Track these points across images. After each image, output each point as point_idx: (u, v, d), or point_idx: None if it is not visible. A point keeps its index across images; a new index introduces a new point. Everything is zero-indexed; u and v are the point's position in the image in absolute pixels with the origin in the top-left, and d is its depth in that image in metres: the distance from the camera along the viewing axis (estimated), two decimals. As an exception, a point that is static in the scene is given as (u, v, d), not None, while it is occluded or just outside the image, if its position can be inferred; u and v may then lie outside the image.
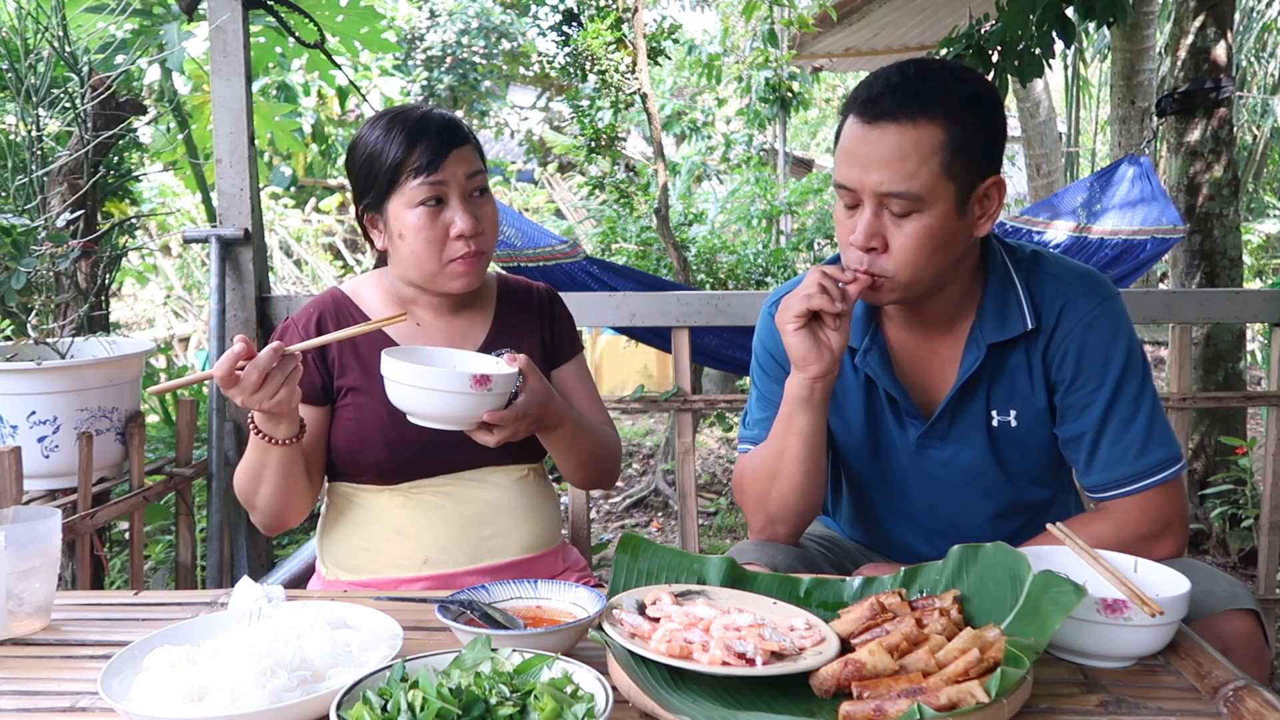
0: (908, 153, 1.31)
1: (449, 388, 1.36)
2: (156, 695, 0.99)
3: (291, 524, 1.57)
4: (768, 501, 1.52)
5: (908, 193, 1.31)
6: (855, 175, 1.34)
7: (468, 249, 1.51)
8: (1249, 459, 3.58)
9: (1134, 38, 4.21)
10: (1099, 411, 1.42)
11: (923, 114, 1.31)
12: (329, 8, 3.42)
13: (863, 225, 1.34)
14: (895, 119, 1.31)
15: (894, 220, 1.34)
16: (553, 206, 10.50)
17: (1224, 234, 3.78)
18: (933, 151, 1.31)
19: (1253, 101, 10.79)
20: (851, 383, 1.54)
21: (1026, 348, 1.45)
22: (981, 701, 0.93)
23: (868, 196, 1.34)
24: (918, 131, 1.31)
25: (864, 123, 1.34)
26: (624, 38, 5.89)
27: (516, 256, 3.22)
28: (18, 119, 2.31)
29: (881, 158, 1.31)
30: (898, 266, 1.36)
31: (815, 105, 13.62)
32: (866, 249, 1.35)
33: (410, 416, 1.41)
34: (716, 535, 4.52)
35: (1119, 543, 1.33)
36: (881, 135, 1.32)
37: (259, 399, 1.33)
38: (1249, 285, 8.39)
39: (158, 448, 3.27)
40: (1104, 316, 1.43)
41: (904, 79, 1.34)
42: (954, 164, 1.32)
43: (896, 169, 1.31)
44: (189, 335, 7.33)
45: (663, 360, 6.59)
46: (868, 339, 1.50)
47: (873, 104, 1.33)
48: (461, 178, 1.50)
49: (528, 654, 0.96)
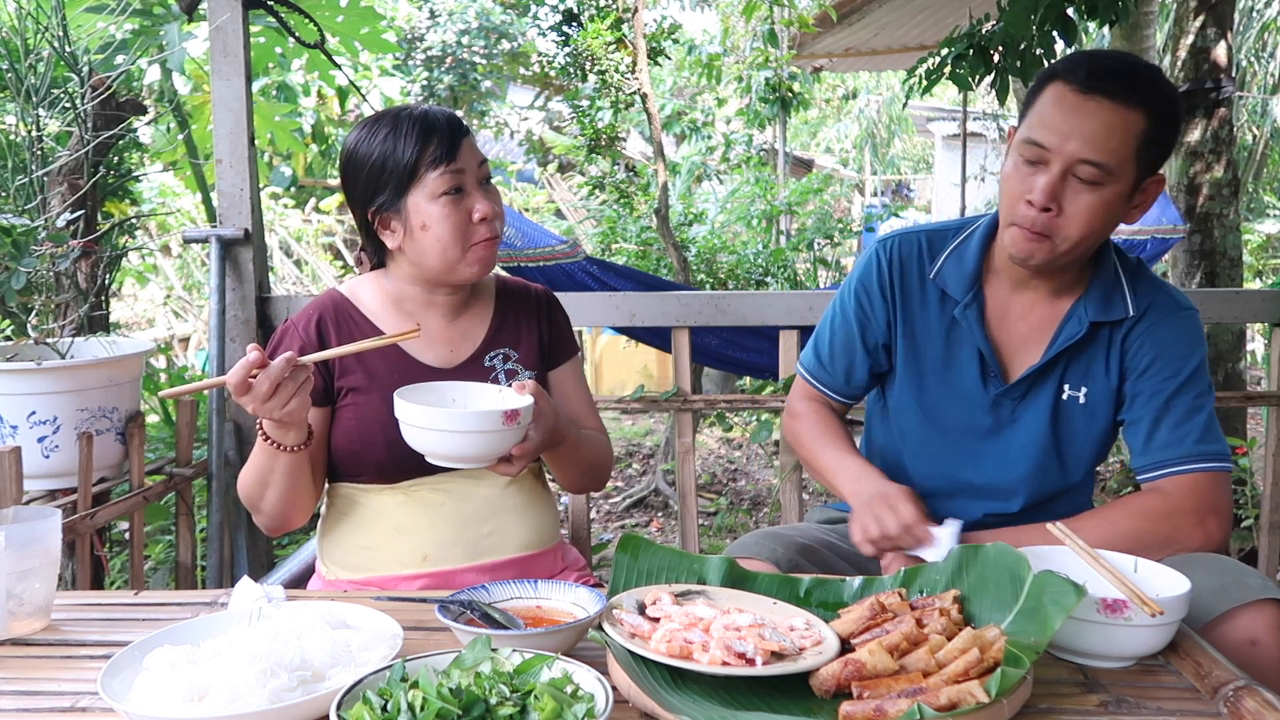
0: (1115, 129, 1.40)
1: (482, 428, 1.36)
2: (156, 695, 0.99)
3: (295, 525, 1.58)
4: (797, 456, 1.77)
5: (1104, 164, 1.41)
6: (1055, 138, 1.41)
7: (490, 232, 1.56)
8: (1249, 459, 3.58)
9: (1134, 38, 4.20)
10: (1167, 397, 1.52)
11: (1136, 99, 1.41)
12: (329, 8, 3.42)
13: (1045, 185, 1.42)
14: (1112, 96, 1.40)
15: (1076, 188, 1.43)
16: (553, 206, 10.50)
17: (1224, 234, 3.78)
18: (1134, 135, 1.41)
19: (1253, 101, 10.79)
20: (937, 330, 1.63)
21: (1110, 332, 1.56)
22: (981, 701, 0.93)
23: (1060, 160, 1.42)
24: (1129, 113, 1.41)
25: (1079, 92, 1.41)
26: (624, 38, 5.90)
27: (517, 256, 3.22)
28: (18, 119, 2.31)
29: (1090, 128, 1.40)
30: (1069, 232, 1.44)
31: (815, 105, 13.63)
32: (1044, 208, 1.43)
33: (430, 458, 1.41)
34: (716, 535, 4.52)
35: (1168, 517, 1.44)
36: (1097, 108, 1.40)
37: (270, 408, 1.33)
38: (1249, 285, 8.39)
39: (158, 448, 3.27)
40: (1187, 323, 1.56)
41: (1124, 64, 1.45)
42: (1144, 152, 1.43)
43: (1102, 141, 1.40)
44: (189, 335, 7.34)
45: (663, 360, 6.59)
46: (970, 295, 1.60)
47: (1094, 78, 1.41)
48: (474, 166, 1.56)
49: (528, 654, 0.96)
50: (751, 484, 5.36)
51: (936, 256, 1.64)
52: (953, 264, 1.63)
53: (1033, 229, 1.45)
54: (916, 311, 1.65)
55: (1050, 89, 1.45)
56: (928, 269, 1.64)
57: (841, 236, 7.26)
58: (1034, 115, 1.46)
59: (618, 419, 6.58)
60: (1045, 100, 1.45)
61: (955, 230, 1.68)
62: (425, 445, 1.39)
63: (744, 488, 5.29)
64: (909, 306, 1.65)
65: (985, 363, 1.60)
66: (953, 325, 1.62)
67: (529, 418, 1.41)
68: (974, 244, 1.63)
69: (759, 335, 3.12)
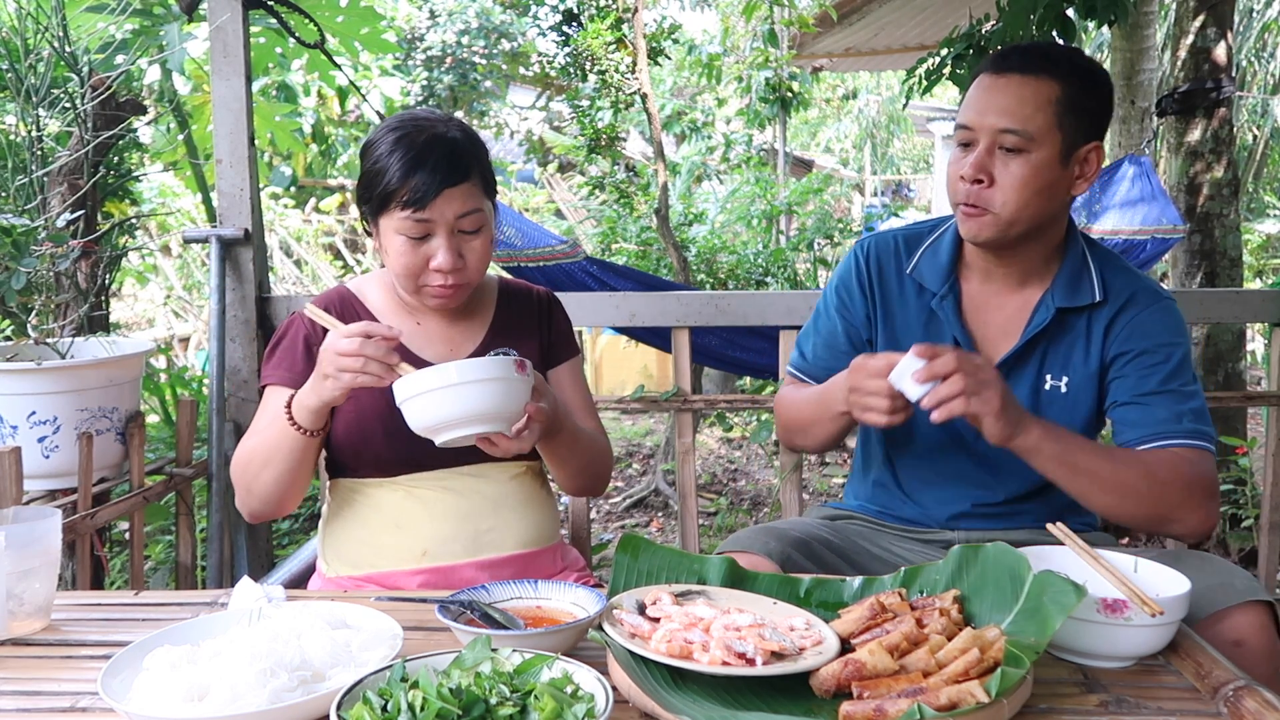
0: (1026, 98, 1.50)
1: (495, 375, 1.29)
2: (156, 695, 0.99)
3: (277, 515, 1.58)
4: (794, 432, 1.75)
5: (1021, 130, 1.49)
6: (975, 116, 1.53)
7: (445, 281, 1.51)
8: (1249, 459, 3.58)
9: (1134, 37, 4.20)
10: (1159, 380, 1.54)
11: (1044, 71, 1.51)
12: (329, 8, 3.42)
13: (973, 159, 1.52)
14: (1021, 70, 1.52)
15: (1003, 158, 1.51)
16: (553, 206, 10.50)
17: (1224, 234, 3.78)
18: (1048, 102, 1.50)
19: (1253, 101, 10.79)
20: (916, 322, 1.68)
21: (1089, 319, 1.60)
22: (981, 701, 0.93)
23: (984, 134, 1.52)
24: (1038, 83, 1.51)
25: (992, 74, 1.54)
26: (624, 38, 5.89)
27: (516, 256, 3.22)
28: (18, 119, 2.31)
29: (1003, 101, 1.51)
30: (1002, 202, 1.52)
31: (815, 105, 13.64)
32: (974, 180, 1.52)
33: (446, 431, 1.32)
34: (716, 535, 4.52)
35: (1148, 485, 1.44)
36: (1006, 83, 1.52)
37: (346, 379, 1.34)
38: (1249, 285, 8.39)
39: (158, 448, 3.27)
40: (1171, 314, 1.60)
41: (1035, 45, 1.59)
42: (1065, 119, 1.51)
43: (1015, 110, 1.50)
44: (189, 335, 7.34)
45: (663, 360, 6.59)
46: (946, 286, 1.65)
47: (1003, 59, 1.54)
48: (450, 217, 1.49)
49: (528, 654, 0.97)
50: (751, 484, 5.36)
51: (913, 253, 1.71)
52: (929, 258, 1.69)
53: (968, 202, 1.53)
54: (895, 306, 1.70)
55: (975, 81, 1.57)
56: (905, 265, 1.70)
57: (841, 236, 7.26)
58: (964, 103, 1.58)
59: (618, 419, 6.58)
60: (971, 89, 1.57)
61: (931, 228, 1.74)
62: (438, 414, 1.30)
63: (744, 488, 5.29)
64: (888, 301, 1.71)
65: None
66: (930, 317, 1.67)
67: (533, 377, 1.37)
68: (948, 238, 1.69)
69: (759, 335, 3.11)
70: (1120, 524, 1.54)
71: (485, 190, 1.54)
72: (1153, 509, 1.46)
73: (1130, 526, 1.39)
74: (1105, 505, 1.49)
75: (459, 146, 1.50)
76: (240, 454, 1.54)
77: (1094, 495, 1.47)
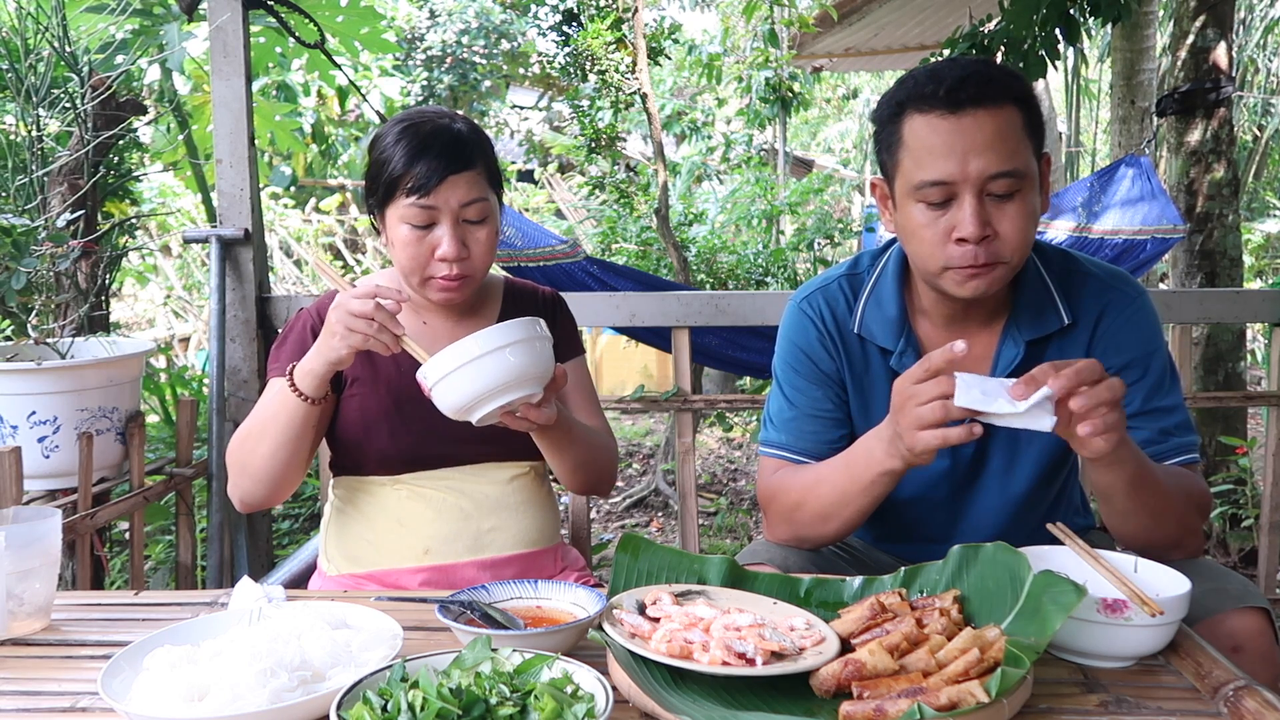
0: (1005, 133, 1.32)
1: (524, 336, 1.27)
2: (156, 695, 0.99)
3: (272, 502, 1.57)
4: (798, 523, 1.48)
5: (1015, 170, 1.32)
6: (954, 166, 1.31)
7: (450, 271, 1.51)
8: (1249, 459, 3.58)
9: (1134, 38, 4.20)
10: (1141, 399, 1.44)
11: (1004, 97, 1.32)
12: (329, 8, 3.42)
13: (972, 216, 1.31)
14: (981, 103, 1.31)
15: (997, 204, 1.33)
16: (553, 206, 10.50)
17: (1224, 234, 3.78)
18: (1020, 129, 1.33)
19: (1253, 101, 10.79)
20: (881, 383, 1.52)
21: (1061, 344, 1.47)
22: (981, 701, 0.93)
23: (969, 185, 1.31)
24: (1006, 111, 1.32)
25: (948, 114, 1.32)
26: (624, 38, 5.89)
27: (517, 256, 3.22)
28: (18, 119, 2.31)
29: (982, 142, 1.31)
30: (1012, 249, 1.35)
31: (815, 105, 13.62)
32: (981, 239, 1.33)
33: (483, 404, 1.28)
34: (716, 535, 4.52)
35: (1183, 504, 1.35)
36: (974, 122, 1.31)
37: (355, 339, 1.35)
38: (1249, 285, 8.39)
39: (158, 448, 3.27)
40: (1142, 314, 1.47)
41: (971, 69, 1.34)
42: (1032, 143, 1.35)
43: (1001, 149, 1.31)
44: (189, 335, 7.34)
45: (663, 360, 6.59)
46: (902, 341, 1.49)
47: (952, 94, 1.31)
48: (455, 204, 1.49)
49: (528, 654, 0.96)
50: (751, 484, 5.35)
51: (854, 306, 1.54)
52: (873, 311, 1.52)
53: (976, 263, 1.34)
54: (859, 367, 1.54)
55: (909, 124, 1.35)
56: (849, 323, 1.53)
57: (841, 236, 7.26)
58: (909, 157, 1.35)
59: (618, 419, 6.58)
60: (914, 137, 1.34)
61: (866, 269, 1.57)
62: (475, 386, 1.26)
63: (744, 488, 5.29)
64: (852, 362, 1.54)
65: None
66: (894, 378, 1.43)
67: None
68: (888, 286, 1.52)
69: (759, 335, 3.12)
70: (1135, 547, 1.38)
71: (490, 182, 1.55)
72: (1175, 530, 1.37)
73: (1144, 548, 1.31)
74: (1139, 527, 1.36)
75: (463, 136, 1.52)
76: (237, 434, 1.54)
77: (1139, 515, 1.33)
